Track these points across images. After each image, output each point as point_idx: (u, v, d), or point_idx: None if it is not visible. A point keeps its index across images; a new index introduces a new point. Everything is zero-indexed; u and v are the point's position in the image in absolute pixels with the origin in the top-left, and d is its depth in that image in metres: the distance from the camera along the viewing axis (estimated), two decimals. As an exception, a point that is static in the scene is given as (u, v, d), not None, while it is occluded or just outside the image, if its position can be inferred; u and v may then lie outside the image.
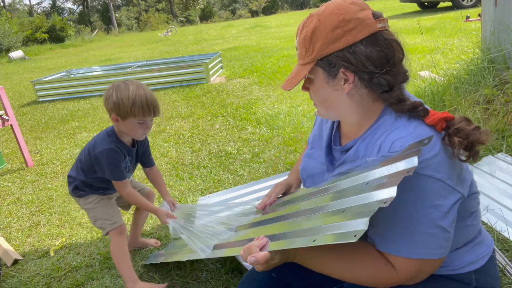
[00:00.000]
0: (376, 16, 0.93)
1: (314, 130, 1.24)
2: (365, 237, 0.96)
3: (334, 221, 0.82)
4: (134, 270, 1.77)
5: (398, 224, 0.86)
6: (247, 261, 0.91)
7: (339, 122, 1.13)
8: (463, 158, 0.87)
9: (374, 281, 0.90)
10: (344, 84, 0.94)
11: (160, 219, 1.76)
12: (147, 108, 1.57)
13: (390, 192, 0.74)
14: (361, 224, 0.73)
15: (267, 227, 1.16)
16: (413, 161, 0.76)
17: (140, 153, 1.83)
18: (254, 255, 0.89)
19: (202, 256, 1.37)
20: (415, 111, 0.90)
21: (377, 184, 0.81)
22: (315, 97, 1.01)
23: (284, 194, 1.39)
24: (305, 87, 1.03)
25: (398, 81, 0.93)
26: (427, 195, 0.84)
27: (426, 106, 0.93)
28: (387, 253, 0.89)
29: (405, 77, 0.94)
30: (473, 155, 0.87)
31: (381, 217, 0.88)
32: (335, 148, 1.11)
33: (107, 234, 1.77)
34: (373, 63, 0.90)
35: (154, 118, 1.68)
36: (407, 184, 0.83)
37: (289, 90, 0.97)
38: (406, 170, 0.76)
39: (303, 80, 1.00)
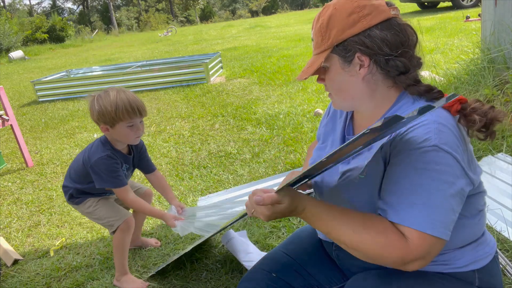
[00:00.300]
0: (389, 4, 0.96)
1: (324, 124, 1.23)
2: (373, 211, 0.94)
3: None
4: (129, 266, 1.78)
5: (416, 197, 0.84)
6: (253, 200, 0.90)
7: (352, 114, 1.12)
8: (481, 137, 0.88)
9: (383, 252, 0.85)
10: (359, 69, 0.95)
11: (167, 223, 1.73)
12: (131, 109, 1.55)
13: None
14: None
15: None
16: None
17: (137, 160, 1.81)
18: (260, 194, 0.89)
19: (210, 233, 1.32)
20: (431, 93, 0.92)
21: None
22: (331, 86, 1.02)
23: None
24: (320, 78, 1.03)
25: (413, 65, 0.95)
26: (444, 170, 0.83)
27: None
28: (404, 225, 0.84)
29: (419, 63, 0.97)
30: (491, 134, 0.88)
31: (396, 188, 0.87)
32: (348, 139, 1.09)
33: (116, 229, 1.74)
34: (389, 46, 0.92)
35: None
36: (426, 156, 0.83)
37: (304, 79, 0.97)
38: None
39: (318, 72, 1.01)
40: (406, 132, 0.88)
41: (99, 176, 1.62)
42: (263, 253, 1.79)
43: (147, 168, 1.87)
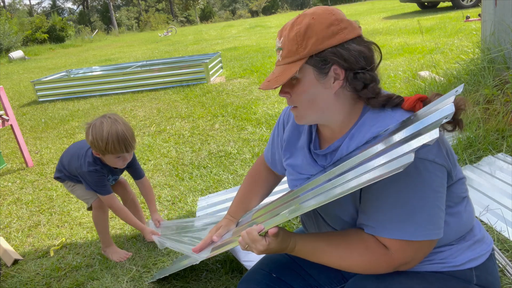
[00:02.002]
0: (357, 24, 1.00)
1: (279, 140, 1.24)
2: (352, 226, 1.00)
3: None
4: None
5: (397, 209, 0.88)
6: (247, 238, 0.95)
7: (317, 128, 1.12)
8: (450, 128, 0.90)
9: (371, 268, 0.92)
10: (334, 82, 0.95)
11: (145, 236, 1.96)
12: (119, 147, 1.71)
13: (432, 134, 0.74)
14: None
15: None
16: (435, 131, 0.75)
17: (123, 170, 1.99)
18: (258, 228, 0.95)
19: (198, 259, 1.39)
20: (391, 100, 0.96)
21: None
22: (301, 98, 0.98)
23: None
24: (284, 92, 1.00)
25: (377, 79, 0.99)
26: (425, 178, 0.86)
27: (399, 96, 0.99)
28: (386, 238, 0.90)
29: (378, 78, 1.00)
30: (458, 124, 0.90)
31: (378, 202, 0.90)
32: (316, 153, 1.09)
33: (90, 206, 1.96)
34: (365, 59, 0.95)
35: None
36: (405, 169, 0.84)
37: (274, 88, 0.95)
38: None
39: (283, 85, 0.98)
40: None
41: (88, 184, 1.85)
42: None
43: (134, 175, 2.04)
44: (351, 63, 0.93)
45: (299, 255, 0.99)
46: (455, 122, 0.90)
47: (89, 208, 1.98)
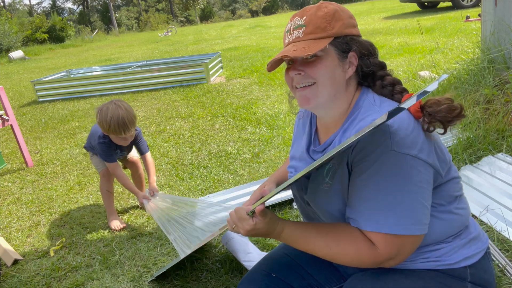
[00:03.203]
0: None
1: (293, 143, 1.26)
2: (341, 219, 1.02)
3: None
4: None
5: (379, 202, 0.89)
6: (235, 217, 0.98)
7: (316, 127, 1.15)
8: (441, 131, 0.93)
9: (357, 260, 0.93)
10: (348, 68, 1.00)
11: (138, 199, 2.27)
12: (118, 129, 2.04)
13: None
14: None
15: None
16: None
17: (131, 146, 2.37)
18: (245, 207, 0.97)
19: (182, 256, 1.50)
20: (393, 96, 1.01)
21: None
22: (322, 73, 0.98)
23: None
24: (297, 69, 1.00)
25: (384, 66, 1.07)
26: (406, 172, 0.88)
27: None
28: (369, 231, 0.91)
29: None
30: (445, 125, 0.92)
31: (361, 196, 0.92)
32: (314, 150, 1.12)
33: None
34: (372, 49, 1.04)
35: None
36: (386, 163, 0.88)
37: (305, 56, 0.97)
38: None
39: (284, 64, 1.05)
40: (364, 140, 0.92)
41: (98, 152, 2.26)
42: (263, 253, 1.79)
43: (139, 150, 2.40)
44: (366, 51, 1.01)
45: (285, 241, 1.00)
46: (444, 125, 0.91)
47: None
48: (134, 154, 2.50)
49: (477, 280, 1.00)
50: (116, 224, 2.30)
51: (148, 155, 2.37)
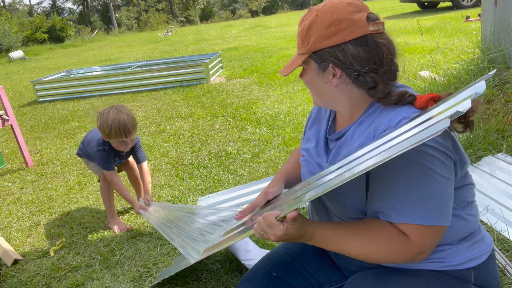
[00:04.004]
0: (371, 19, 0.96)
1: (308, 127, 1.25)
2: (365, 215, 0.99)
3: None
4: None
5: (407, 193, 0.88)
6: (263, 223, 0.93)
7: (335, 115, 1.15)
8: (460, 129, 0.91)
9: (390, 255, 0.91)
10: (332, 79, 1.00)
11: (135, 209, 2.24)
12: (119, 133, 2.04)
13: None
14: None
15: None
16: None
17: (129, 153, 2.34)
18: (275, 213, 0.92)
19: (192, 261, 1.41)
20: (403, 99, 0.95)
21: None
22: (308, 85, 1.08)
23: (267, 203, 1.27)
24: (301, 75, 1.09)
25: (383, 79, 0.97)
26: (432, 163, 0.87)
27: (413, 92, 0.97)
28: (402, 223, 0.89)
29: (391, 76, 0.99)
30: (469, 124, 0.91)
31: (387, 188, 0.91)
32: (329, 138, 1.13)
33: (99, 179, 2.37)
34: (360, 63, 0.95)
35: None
36: (410, 153, 0.86)
37: (285, 76, 1.03)
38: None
39: (300, 68, 1.07)
40: (386, 133, 0.91)
41: (96, 160, 2.23)
42: (263, 251, 1.79)
43: (136, 159, 2.37)
44: (347, 65, 0.96)
45: (317, 243, 0.96)
46: (466, 122, 0.90)
47: (99, 181, 2.39)
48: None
49: (481, 282, 0.99)
50: (120, 226, 2.28)
51: (145, 164, 2.35)
